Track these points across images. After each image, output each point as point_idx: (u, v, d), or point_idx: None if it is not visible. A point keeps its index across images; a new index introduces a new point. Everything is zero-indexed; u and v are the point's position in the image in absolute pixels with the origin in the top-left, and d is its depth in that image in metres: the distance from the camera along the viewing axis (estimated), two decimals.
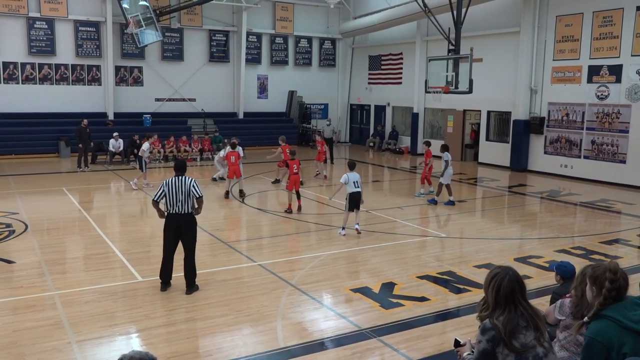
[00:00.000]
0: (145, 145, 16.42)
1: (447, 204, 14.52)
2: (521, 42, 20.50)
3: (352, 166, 11.60)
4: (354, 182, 11.30)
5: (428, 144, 15.93)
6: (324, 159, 18.53)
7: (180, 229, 7.92)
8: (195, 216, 8.07)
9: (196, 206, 8.04)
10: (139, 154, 16.60)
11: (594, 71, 18.53)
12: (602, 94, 18.31)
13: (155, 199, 8.02)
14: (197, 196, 7.93)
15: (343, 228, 11.48)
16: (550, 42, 19.88)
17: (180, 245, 8.05)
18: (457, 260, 9.92)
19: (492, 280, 3.46)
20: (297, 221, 12.75)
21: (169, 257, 8.04)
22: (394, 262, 9.74)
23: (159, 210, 8.11)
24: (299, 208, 13.54)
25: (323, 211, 13.91)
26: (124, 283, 8.50)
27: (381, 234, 11.56)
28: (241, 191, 15.38)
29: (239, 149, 15.50)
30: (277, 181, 17.45)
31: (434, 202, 14.69)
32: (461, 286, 8.51)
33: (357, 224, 11.56)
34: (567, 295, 4.40)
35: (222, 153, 17.07)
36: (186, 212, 7.89)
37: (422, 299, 7.91)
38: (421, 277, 8.84)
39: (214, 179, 17.66)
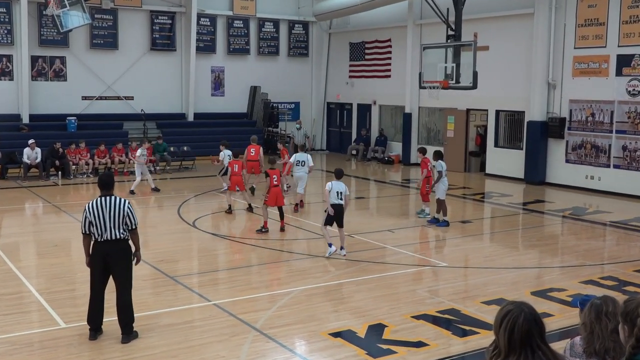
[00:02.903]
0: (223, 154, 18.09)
1: (441, 225, 14.67)
2: (535, 26, 20.83)
3: (338, 175, 12.14)
4: (336, 192, 11.69)
5: (423, 151, 16.02)
6: (289, 172, 18.36)
7: (108, 259, 7.81)
8: (130, 243, 7.97)
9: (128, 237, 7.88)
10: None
11: (623, 61, 18.91)
12: (634, 90, 18.69)
13: (83, 232, 7.87)
14: (131, 227, 7.80)
15: (330, 245, 11.73)
16: (570, 27, 20.25)
17: (112, 282, 7.94)
18: (461, 296, 9.98)
19: (504, 319, 3.49)
20: (262, 249, 12.71)
21: (98, 296, 7.93)
22: (383, 298, 9.74)
23: (86, 251, 7.92)
24: (282, 228, 13.94)
25: (294, 236, 13.89)
26: (43, 330, 8.36)
27: (367, 263, 11.57)
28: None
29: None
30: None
31: (434, 221, 14.80)
32: (467, 327, 8.56)
33: (342, 247, 11.82)
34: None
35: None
36: (116, 237, 7.78)
37: (419, 344, 7.93)
38: (417, 317, 8.86)
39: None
